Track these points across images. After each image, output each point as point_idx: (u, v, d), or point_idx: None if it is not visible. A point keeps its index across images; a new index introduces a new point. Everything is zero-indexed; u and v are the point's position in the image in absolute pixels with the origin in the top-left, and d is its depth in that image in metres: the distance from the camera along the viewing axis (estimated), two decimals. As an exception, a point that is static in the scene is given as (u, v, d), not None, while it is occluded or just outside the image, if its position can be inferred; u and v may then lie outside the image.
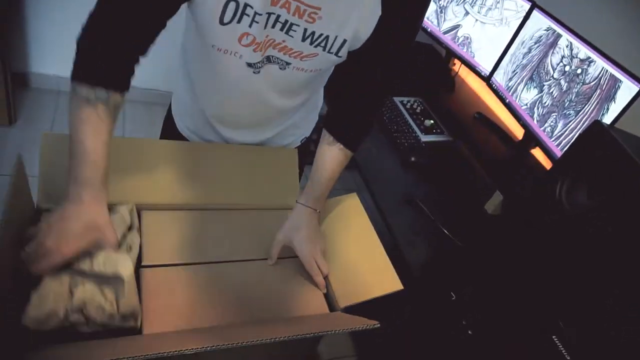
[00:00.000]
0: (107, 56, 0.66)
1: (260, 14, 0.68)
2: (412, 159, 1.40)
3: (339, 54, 0.77)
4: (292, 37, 0.72)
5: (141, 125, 2.25)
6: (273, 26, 0.71)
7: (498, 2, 1.51)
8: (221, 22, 0.68)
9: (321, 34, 0.72)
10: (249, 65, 0.76)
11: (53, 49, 2.14)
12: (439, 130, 1.56)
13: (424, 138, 1.50)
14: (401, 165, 1.40)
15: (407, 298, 0.92)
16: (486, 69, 1.57)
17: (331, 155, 0.87)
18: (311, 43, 0.74)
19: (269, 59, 0.77)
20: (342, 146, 0.87)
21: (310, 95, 0.96)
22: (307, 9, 0.68)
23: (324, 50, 0.75)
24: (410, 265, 1.09)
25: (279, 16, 0.69)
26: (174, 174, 0.84)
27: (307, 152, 1.11)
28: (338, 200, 0.94)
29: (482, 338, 0.96)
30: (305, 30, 0.72)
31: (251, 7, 0.67)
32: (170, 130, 1.03)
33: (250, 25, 0.69)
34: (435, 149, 1.49)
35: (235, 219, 0.87)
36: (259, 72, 0.78)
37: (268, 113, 0.92)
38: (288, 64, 0.77)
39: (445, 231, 1.19)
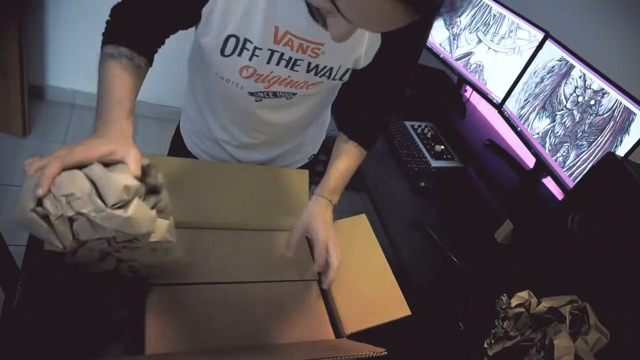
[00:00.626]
0: (135, 25, 0.68)
1: (261, 49, 0.70)
2: (422, 184, 1.39)
3: (343, 79, 0.80)
4: (297, 71, 0.75)
5: (151, 141, 2.28)
6: (277, 63, 0.73)
7: (511, 31, 1.52)
8: (222, 54, 0.70)
9: (325, 66, 0.75)
10: (251, 94, 0.79)
11: (70, 63, 2.19)
12: (449, 156, 1.55)
13: (434, 163, 1.50)
14: (410, 190, 1.39)
15: (413, 325, 0.90)
16: (498, 96, 1.57)
17: (347, 150, 0.88)
18: (316, 74, 0.76)
19: (275, 94, 0.80)
20: (356, 144, 0.88)
21: (318, 112, 0.98)
22: (310, 45, 0.71)
23: (328, 78, 0.78)
24: (417, 292, 1.07)
25: (282, 54, 0.71)
26: (182, 191, 0.84)
27: (314, 171, 1.12)
28: (347, 222, 0.93)
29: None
30: (309, 63, 0.74)
31: (251, 42, 0.69)
32: (178, 147, 1.04)
33: (250, 59, 0.71)
34: (445, 175, 1.48)
35: (243, 240, 0.86)
36: (261, 100, 0.81)
37: (274, 133, 0.93)
38: (294, 94, 0.81)
39: (454, 258, 1.17)
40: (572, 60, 1.29)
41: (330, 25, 0.53)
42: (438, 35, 1.82)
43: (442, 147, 1.57)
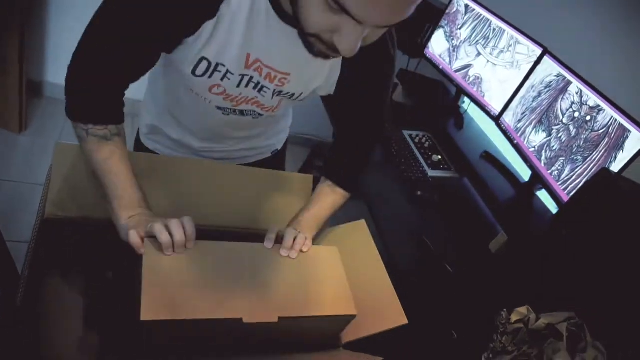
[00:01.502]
0: (105, 97, 0.74)
1: (233, 74, 0.73)
2: (419, 193, 1.40)
3: (304, 100, 0.84)
4: (264, 96, 0.80)
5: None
6: (247, 85, 0.76)
7: (510, 46, 1.54)
8: (193, 74, 0.73)
9: (288, 92, 0.80)
10: (219, 108, 0.83)
11: (69, 60, 2.18)
12: (446, 166, 1.57)
13: (431, 173, 1.51)
14: (407, 199, 1.40)
15: (408, 333, 0.91)
16: (496, 109, 1.59)
17: (327, 193, 0.91)
18: (281, 97, 0.82)
19: (242, 113, 0.84)
20: (338, 188, 0.91)
21: (281, 121, 1.07)
22: (278, 74, 0.75)
23: (290, 99, 0.83)
24: (411, 300, 1.08)
25: (252, 77, 0.75)
26: (176, 192, 0.84)
27: (282, 160, 1.20)
28: (346, 228, 0.94)
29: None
30: (275, 90, 0.79)
31: (223, 66, 0.71)
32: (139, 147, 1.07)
33: (222, 79, 0.74)
34: (441, 185, 1.49)
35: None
36: (228, 114, 0.84)
37: (233, 134, 0.97)
38: (260, 114, 0.85)
39: (448, 267, 1.18)
40: (569, 76, 1.31)
41: (339, 42, 0.55)
42: (438, 46, 1.84)
43: (440, 157, 1.59)
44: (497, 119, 1.58)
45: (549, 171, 1.32)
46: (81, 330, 0.71)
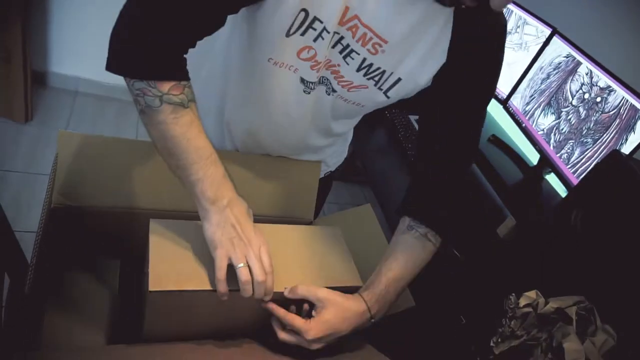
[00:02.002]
0: (178, 46, 0.58)
1: (329, 32, 0.62)
2: (425, 178, 1.39)
3: (388, 94, 0.72)
4: (348, 64, 0.67)
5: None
6: (334, 46, 0.65)
7: (518, 27, 1.51)
8: (287, 34, 0.62)
9: (378, 67, 0.68)
10: (302, 81, 0.70)
11: (74, 50, 2.18)
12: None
13: (438, 158, 1.50)
14: (414, 184, 1.39)
15: (415, 317, 0.91)
16: (503, 92, 1.56)
17: (414, 247, 0.74)
18: (365, 74, 0.69)
19: (320, 80, 0.72)
20: (428, 232, 0.74)
21: (343, 135, 0.94)
22: (374, 38, 0.63)
23: (375, 85, 0.70)
24: (418, 285, 1.07)
25: (342, 37, 0.64)
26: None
27: (328, 185, 1.08)
28: (351, 212, 0.93)
29: (491, 365, 0.94)
30: (364, 60, 0.66)
31: (320, 22, 0.61)
32: None
33: (314, 40, 0.63)
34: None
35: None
36: (309, 93, 0.72)
37: (299, 145, 0.87)
38: (334, 90, 0.72)
39: (456, 252, 1.18)
40: (579, 56, 1.29)
41: None
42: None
43: (446, 141, 1.57)
44: (504, 102, 1.56)
45: (558, 154, 1.30)
46: (89, 317, 0.72)
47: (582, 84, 1.26)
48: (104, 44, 0.56)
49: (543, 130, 1.38)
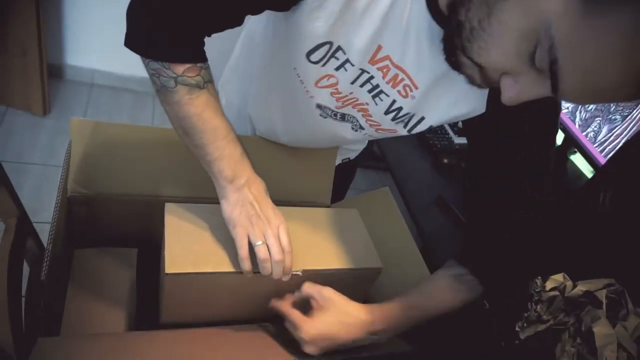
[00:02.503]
0: (197, 30, 0.56)
1: (353, 65, 0.58)
2: (445, 161, 1.36)
3: (413, 132, 0.68)
4: (377, 104, 0.63)
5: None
6: (362, 85, 0.61)
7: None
8: (307, 58, 0.59)
9: (407, 113, 0.64)
10: (319, 107, 0.67)
11: (89, 43, 2.18)
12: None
13: (457, 140, 1.46)
14: (433, 167, 1.36)
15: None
16: (525, 70, 1.51)
17: (451, 286, 0.71)
18: (393, 119, 0.65)
19: (343, 118, 0.69)
20: (467, 274, 0.70)
21: None
22: (405, 79, 0.58)
23: (404, 127, 0.67)
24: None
25: (372, 77, 0.59)
26: (195, 166, 0.82)
27: (351, 172, 1.07)
28: (369, 195, 0.91)
29: (516, 350, 0.92)
30: (394, 102, 0.62)
31: (344, 53, 0.56)
32: None
33: (337, 69, 0.59)
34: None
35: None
36: (326, 118, 0.70)
37: (322, 141, 0.83)
38: (362, 128, 0.70)
39: (478, 237, 1.15)
40: (606, 30, 1.23)
41: (506, 87, 0.45)
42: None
43: (466, 123, 1.53)
44: (526, 81, 1.51)
45: (584, 133, 1.25)
46: (108, 305, 0.72)
47: (610, 59, 1.21)
48: (118, 36, 0.55)
49: (567, 108, 1.32)
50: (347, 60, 0.57)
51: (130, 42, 0.55)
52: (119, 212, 0.79)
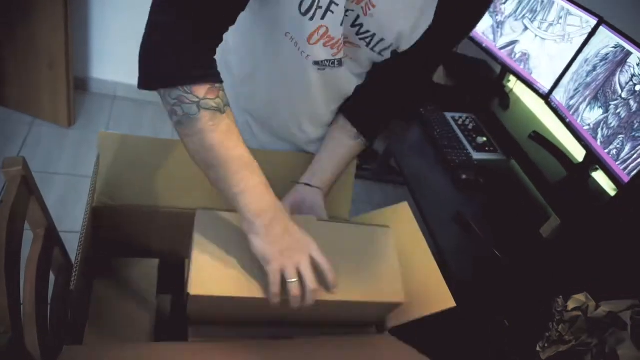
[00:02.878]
0: (205, 43, 0.59)
1: (337, 5, 0.63)
2: (463, 176, 1.35)
3: (382, 54, 0.73)
4: (333, 13, 0.66)
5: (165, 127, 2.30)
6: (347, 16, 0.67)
7: (561, 18, 1.45)
8: (299, 11, 0.63)
9: (367, 31, 0.69)
10: (316, 63, 0.72)
11: (112, 56, 2.24)
12: (492, 149, 1.50)
13: (476, 156, 1.45)
14: (451, 183, 1.35)
15: (455, 321, 0.88)
16: (545, 86, 1.50)
17: (346, 142, 0.84)
18: (357, 33, 0.70)
19: (340, 63, 0.75)
20: (359, 136, 0.84)
21: None
22: None
23: (367, 45, 0.72)
24: (458, 286, 1.04)
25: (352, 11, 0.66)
26: (201, 178, 0.83)
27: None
28: (389, 211, 0.90)
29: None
30: (357, 17, 0.67)
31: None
32: None
33: (323, 18, 0.64)
34: (487, 168, 1.43)
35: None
36: (323, 69, 0.74)
37: (304, 117, 0.87)
38: (339, 61, 0.73)
39: (497, 253, 1.13)
40: (629, 46, 1.22)
41: None
42: (481, 23, 1.76)
43: (485, 138, 1.52)
44: (546, 97, 1.50)
45: (606, 150, 1.23)
46: (131, 315, 0.73)
47: (633, 75, 1.19)
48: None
49: (589, 125, 1.31)
50: (330, 2, 0.62)
51: (148, 79, 0.57)
52: (142, 223, 0.81)
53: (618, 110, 1.22)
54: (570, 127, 1.38)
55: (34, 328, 0.61)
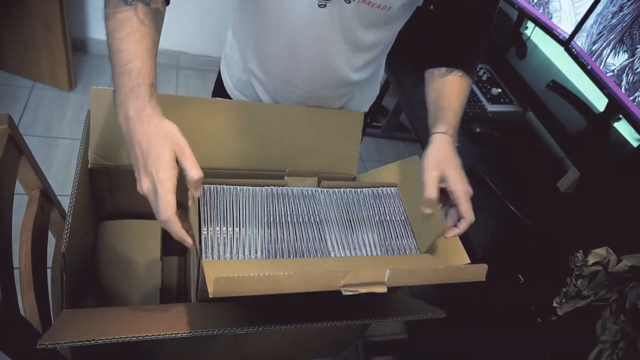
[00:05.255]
0: None
1: None
2: (477, 129, 1.29)
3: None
4: None
5: (190, 92, 2.25)
6: None
7: (585, -46, 1.33)
8: None
9: None
10: None
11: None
12: (507, 100, 1.43)
13: (491, 108, 1.38)
14: (465, 136, 1.29)
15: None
16: (566, 31, 1.40)
17: (453, 83, 0.75)
18: None
19: None
20: (459, 72, 0.75)
21: (373, 67, 0.87)
22: None
23: None
24: (474, 244, 1.01)
25: None
26: (226, 134, 0.79)
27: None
28: (400, 164, 0.86)
29: (552, 326, 0.87)
30: None
31: None
32: (221, 92, 0.98)
33: None
34: (502, 120, 1.37)
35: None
36: (324, 5, 0.67)
37: (325, 78, 0.81)
38: None
39: (513, 208, 1.09)
40: (660, -18, 1.11)
41: None
42: (497, -35, 1.64)
43: (500, 90, 1.44)
44: (567, 43, 1.40)
45: (631, 97, 1.16)
46: (132, 276, 0.71)
47: (663, 15, 1.10)
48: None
49: (613, 71, 1.23)
50: None
51: None
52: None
53: (646, 54, 1.14)
54: (591, 74, 1.30)
55: (31, 292, 0.59)
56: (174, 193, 0.51)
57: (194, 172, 0.52)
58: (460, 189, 0.65)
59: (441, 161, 0.67)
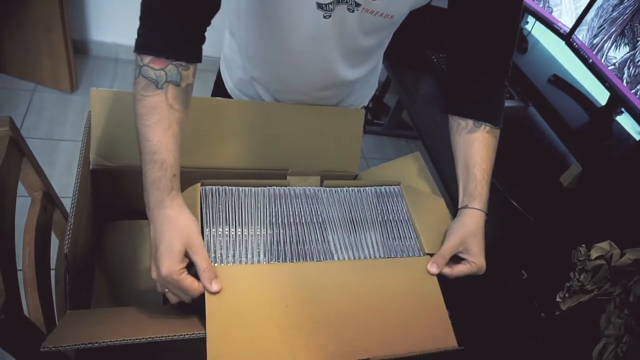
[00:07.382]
0: (176, 23, 0.57)
1: None
2: (478, 125, 1.29)
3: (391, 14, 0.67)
4: None
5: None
6: None
7: (585, -53, 1.33)
8: None
9: None
10: (320, 7, 0.66)
11: (112, 18, 2.17)
12: (508, 95, 1.42)
13: (492, 103, 1.38)
14: (466, 133, 1.29)
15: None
16: (566, 25, 1.40)
17: (482, 143, 0.72)
18: None
19: (338, 0, 0.67)
20: (487, 127, 0.72)
21: (372, 63, 0.87)
22: None
23: None
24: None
25: None
26: (228, 134, 0.79)
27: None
28: (400, 161, 0.86)
29: (557, 321, 0.87)
30: None
31: None
32: (221, 92, 0.98)
33: None
34: (504, 115, 1.36)
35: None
36: (329, 16, 0.67)
37: (327, 81, 0.81)
38: (357, 5, 0.67)
39: (515, 204, 1.09)
40: (661, -26, 1.11)
41: None
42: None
43: (501, 85, 1.44)
44: (567, 37, 1.40)
45: (633, 90, 1.15)
46: (135, 277, 0.71)
47: (664, 7, 1.09)
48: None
49: (614, 64, 1.22)
50: None
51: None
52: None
53: (647, 46, 1.13)
54: (593, 68, 1.30)
55: (34, 292, 0.59)
56: (184, 279, 0.53)
57: (203, 265, 0.54)
58: (478, 262, 0.67)
59: (469, 234, 0.68)
